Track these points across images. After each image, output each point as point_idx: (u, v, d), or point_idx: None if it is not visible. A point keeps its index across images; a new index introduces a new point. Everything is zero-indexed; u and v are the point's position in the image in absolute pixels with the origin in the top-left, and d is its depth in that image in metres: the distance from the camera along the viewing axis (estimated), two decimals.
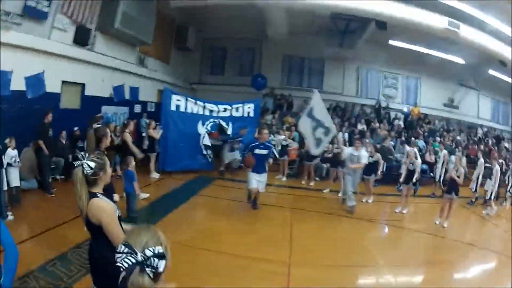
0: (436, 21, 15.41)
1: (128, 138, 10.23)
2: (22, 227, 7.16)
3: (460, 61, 21.77)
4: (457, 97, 24.85)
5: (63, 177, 10.74)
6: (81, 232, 6.65)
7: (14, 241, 3.08)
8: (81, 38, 12.26)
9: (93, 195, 3.42)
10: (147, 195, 9.88)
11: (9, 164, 8.02)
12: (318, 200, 12.00)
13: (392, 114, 23.24)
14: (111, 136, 6.87)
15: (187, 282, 3.77)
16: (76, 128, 11.87)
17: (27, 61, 10.23)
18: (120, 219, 3.43)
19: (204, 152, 13.88)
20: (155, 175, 12.45)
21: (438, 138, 20.28)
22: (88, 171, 3.41)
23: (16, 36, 9.64)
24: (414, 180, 11.50)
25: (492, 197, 12.76)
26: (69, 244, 6.25)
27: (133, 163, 8.48)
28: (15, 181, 8.23)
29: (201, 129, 13.93)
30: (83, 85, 12.89)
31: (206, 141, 13.85)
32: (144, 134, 13.22)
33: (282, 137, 15.46)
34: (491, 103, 26.46)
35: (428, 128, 22.18)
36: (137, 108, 16.33)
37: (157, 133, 12.62)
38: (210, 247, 6.80)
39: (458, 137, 22.29)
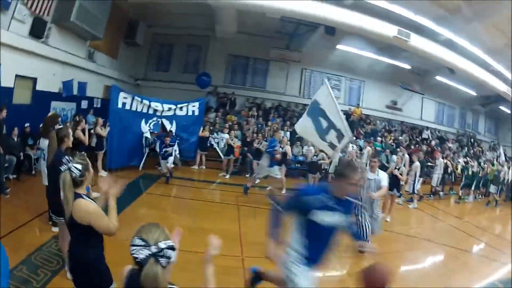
0: (386, 29, 16.24)
1: (82, 136, 10.01)
2: None
3: (406, 66, 23.24)
4: (400, 100, 26.32)
5: (15, 176, 10.35)
6: (42, 235, 6.82)
7: None
8: (37, 30, 12.21)
9: (77, 195, 3.65)
10: (98, 194, 9.84)
11: None
12: (262, 197, 12.34)
13: None
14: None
15: None
16: (27, 125, 11.77)
17: None
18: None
19: (144, 150, 14.32)
20: (103, 173, 12.24)
21: (379, 138, 21.63)
22: (76, 174, 3.68)
23: None
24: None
25: (415, 191, 14.20)
26: (31, 247, 6.26)
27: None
28: None
29: (145, 128, 14.26)
30: (35, 79, 12.78)
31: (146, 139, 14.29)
32: (92, 132, 12.87)
33: (227, 135, 16.10)
34: (436, 106, 28.33)
35: (370, 129, 23.40)
36: (84, 104, 16.22)
37: (105, 131, 12.63)
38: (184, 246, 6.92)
39: (400, 137, 23.59)
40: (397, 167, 11.95)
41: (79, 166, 3.71)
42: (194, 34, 22.57)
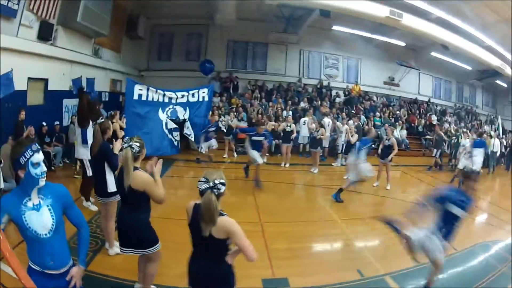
0: (378, 10, 16.42)
1: (118, 128, 10.51)
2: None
3: (401, 43, 23.58)
4: (397, 76, 26.60)
5: None
6: None
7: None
8: (45, 33, 12.46)
9: (136, 168, 4.52)
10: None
11: None
12: (269, 173, 13.38)
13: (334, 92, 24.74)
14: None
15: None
16: (44, 124, 12.14)
17: None
18: None
19: (170, 136, 14.30)
20: None
21: (378, 113, 22.29)
22: (136, 150, 4.53)
23: None
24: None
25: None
26: (68, 234, 6.67)
27: None
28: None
29: (162, 116, 14.33)
30: (46, 80, 13.11)
31: (170, 125, 14.33)
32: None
33: (234, 119, 16.75)
34: (432, 80, 28.65)
35: (369, 105, 23.76)
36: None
37: (123, 123, 12.44)
38: None
39: (398, 112, 24.06)
40: (387, 138, 12.56)
41: (138, 144, 4.56)
42: (193, 23, 22.77)
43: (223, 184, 3.29)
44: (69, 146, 12.50)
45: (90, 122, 8.75)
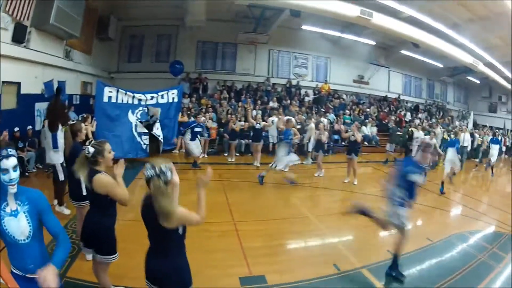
0: (349, 10, 16.77)
1: (90, 131, 10.84)
2: None
3: (371, 42, 24.48)
4: (367, 74, 27.80)
5: None
6: None
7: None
8: (19, 35, 12.57)
9: (97, 172, 4.58)
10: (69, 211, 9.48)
11: None
12: (240, 172, 14.38)
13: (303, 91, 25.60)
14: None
15: None
16: (17, 129, 12.38)
17: None
18: None
19: (139, 139, 14.45)
20: None
21: (347, 111, 23.32)
22: (90, 154, 4.60)
23: None
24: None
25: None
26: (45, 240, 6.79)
27: None
28: None
29: (132, 118, 14.46)
30: (19, 84, 13.18)
31: (140, 128, 14.45)
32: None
33: (203, 118, 16.79)
34: (402, 78, 29.94)
35: (338, 103, 24.70)
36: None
37: (93, 127, 12.43)
38: None
39: (368, 109, 25.11)
40: (353, 134, 13.28)
41: (94, 149, 4.63)
42: (163, 24, 23.19)
43: (170, 170, 3.42)
44: (42, 151, 12.03)
45: (60, 126, 8.69)
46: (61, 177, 8.36)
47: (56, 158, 8.47)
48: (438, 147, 14.54)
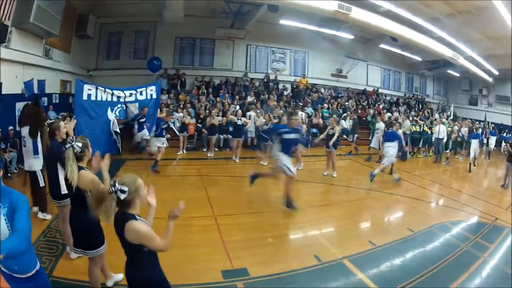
0: (327, 4, 17.02)
1: (70, 130, 10.84)
2: None
3: (349, 36, 24.89)
4: (345, 68, 28.55)
5: None
6: (34, 227, 7.76)
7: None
8: (0, 35, 12.70)
9: (81, 168, 4.76)
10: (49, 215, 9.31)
11: None
12: (219, 167, 14.94)
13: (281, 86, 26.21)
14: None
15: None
16: None
17: None
18: None
19: (115, 137, 14.84)
20: None
21: (325, 105, 24.00)
22: (77, 150, 4.72)
23: None
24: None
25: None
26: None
27: None
28: None
29: (111, 115, 14.85)
30: (0, 84, 13.13)
31: (115, 127, 14.78)
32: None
33: (181, 114, 17.65)
34: (381, 71, 30.84)
35: (317, 97, 25.48)
36: (44, 101, 16.65)
37: (72, 125, 12.71)
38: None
39: (346, 103, 25.84)
40: (331, 128, 13.90)
41: (80, 144, 4.73)
42: (141, 21, 23.50)
43: (123, 191, 3.45)
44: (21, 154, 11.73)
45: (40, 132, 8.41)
46: (42, 183, 8.26)
47: (37, 164, 8.28)
48: (403, 139, 14.97)
